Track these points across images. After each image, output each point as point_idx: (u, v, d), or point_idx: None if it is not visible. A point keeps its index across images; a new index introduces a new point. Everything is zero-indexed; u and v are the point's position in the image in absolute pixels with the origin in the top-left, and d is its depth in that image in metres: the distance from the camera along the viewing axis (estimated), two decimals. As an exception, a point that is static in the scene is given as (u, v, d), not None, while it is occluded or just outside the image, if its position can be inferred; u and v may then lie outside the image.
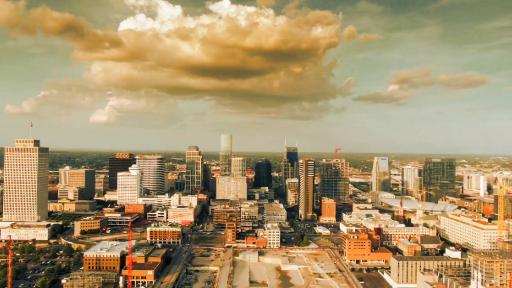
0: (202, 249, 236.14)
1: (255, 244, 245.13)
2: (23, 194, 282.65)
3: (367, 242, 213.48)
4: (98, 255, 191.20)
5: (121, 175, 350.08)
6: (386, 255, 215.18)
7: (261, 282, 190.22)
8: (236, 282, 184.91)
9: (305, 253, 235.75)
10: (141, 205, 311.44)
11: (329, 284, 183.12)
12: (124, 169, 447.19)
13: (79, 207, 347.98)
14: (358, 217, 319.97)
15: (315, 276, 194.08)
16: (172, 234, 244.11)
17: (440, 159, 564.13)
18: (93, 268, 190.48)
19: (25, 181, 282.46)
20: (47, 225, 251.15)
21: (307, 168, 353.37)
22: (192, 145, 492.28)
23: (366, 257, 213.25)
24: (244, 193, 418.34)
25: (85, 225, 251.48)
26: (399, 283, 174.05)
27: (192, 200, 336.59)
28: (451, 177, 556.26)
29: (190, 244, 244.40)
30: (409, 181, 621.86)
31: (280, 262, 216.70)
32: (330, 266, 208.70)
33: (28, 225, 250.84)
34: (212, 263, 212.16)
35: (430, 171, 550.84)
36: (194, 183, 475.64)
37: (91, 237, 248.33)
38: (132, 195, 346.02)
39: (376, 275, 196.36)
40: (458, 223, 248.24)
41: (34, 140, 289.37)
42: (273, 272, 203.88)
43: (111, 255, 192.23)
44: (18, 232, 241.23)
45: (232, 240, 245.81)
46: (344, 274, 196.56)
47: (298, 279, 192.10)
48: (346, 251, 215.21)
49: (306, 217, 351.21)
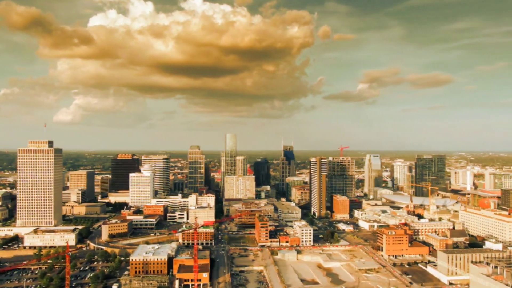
0: (238, 249, 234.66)
1: (288, 242, 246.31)
2: (39, 198, 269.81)
3: (404, 238, 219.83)
4: (145, 259, 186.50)
5: (133, 176, 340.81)
6: (422, 250, 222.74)
7: (310, 280, 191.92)
8: (288, 281, 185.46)
9: (339, 250, 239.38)
10: (160, 207, 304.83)
11: (379, 279, 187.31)
12: (127, 170, 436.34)
13: (90, 210, 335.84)
14: (374, 213, 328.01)
15: (361, 272, 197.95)
16: (205, 235, 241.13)
17: (431, 156, 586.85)
18: (139, 273, 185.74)
19: (41, 184, 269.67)
20: (73, 229, 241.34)
21: (320, 166, 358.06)
22: (194, 145, 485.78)
23: (404, 252, 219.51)
24: (252, 192, 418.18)
25: (113, 229, 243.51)
26: (449, 275, 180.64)
27: (210, 200, 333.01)
28: (441, 173, 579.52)
29: (225, 245, 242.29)
30: (399, 177, 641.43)
31: (320, 260, 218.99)
32: (371, 262, 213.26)
33: (53, 230, 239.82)
34: (254, 263, 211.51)
35: (422, 167, 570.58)
36: (197, 183, 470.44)
37: (120, 240, 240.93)
38: (145, 197, 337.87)
39: (418, 269, 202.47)
40: (480, 216, 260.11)
41: (48, 141, 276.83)
42: (317, 270, 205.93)
43: (159, 258, 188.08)
44: (43, 238, 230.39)
45: (265, 240, 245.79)
46: (388, 269, 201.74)
47: (346, 276, 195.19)
48: (385, 247, 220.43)
49: (321, 215, 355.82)
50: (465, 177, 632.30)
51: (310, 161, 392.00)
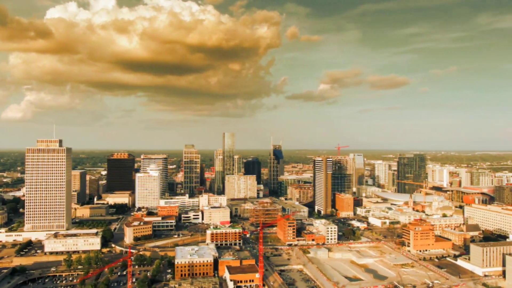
0: (269, 249, 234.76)
1: (314, 240, 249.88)
2: (51, 200, 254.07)
3: (431, 233, 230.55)
4: (191, 261, 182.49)
5: (140, 176, 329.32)
6: (445, 244, 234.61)
7: (353, 276, 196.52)
8: (332, 279, 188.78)
9: (365, 246, 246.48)
10: (175, 207, 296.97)
11: (417, 274, 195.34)
12: (123, 170, 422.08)
13: (94, 212, 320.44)
14: (381, 210, 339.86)
15: (397, 267, 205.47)
16: (233, 236, 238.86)
17: (413, 155, 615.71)
18: (185, 275, 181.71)
19: (53, 185, 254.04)
20: (96, 233, 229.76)
21: (326, 165, 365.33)
22: (189, 144, 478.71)
23: (430, 246, 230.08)
24: (254, 191, 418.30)
25: (138, 231, 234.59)
26: (483, 267, 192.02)
27: (222, 200, 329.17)
28: (422, 171, 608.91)
29: (253, 244, 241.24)
30: (380, 175, 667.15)
31: (351, 257, 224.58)
32: (402, 257, 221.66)
33: (74, 234, 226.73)
34: (291, 262, 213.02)
35: (404, 166, 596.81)
36: (193, 183, 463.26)
37: (145, 243, 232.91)
38: (152, 197, 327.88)
39: (448, 263, 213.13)
40: (487, 211, 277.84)
41: (59, 140, 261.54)
42: (354, 266, 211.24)
43: (205, 260, 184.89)
44: (65, 242, 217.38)
45: (292, 238, 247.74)
46: (420, 263, 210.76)
47: (385, 271, 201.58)
48: (412, 242, 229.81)
49: (326, 213, 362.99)
50: (441, 175, 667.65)
51: (314, 160, 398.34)
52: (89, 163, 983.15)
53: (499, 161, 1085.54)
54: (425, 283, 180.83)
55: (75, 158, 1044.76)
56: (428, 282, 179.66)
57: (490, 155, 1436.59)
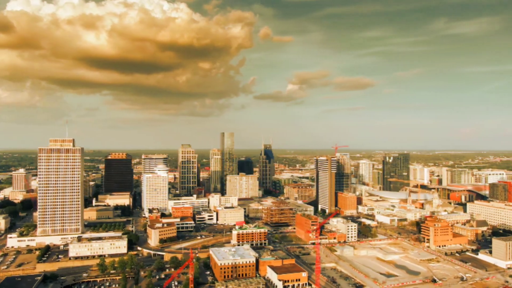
0: (295, 248, 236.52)
1: (335, 239, 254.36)
2: (66, 203, 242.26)
3: (449, 229, 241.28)
4: (234, 262, 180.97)
5: (148, 176, 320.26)
6: (461, 239, 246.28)
7: (386, 273, 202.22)
8: (370, 275, 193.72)
9: (384, 243, 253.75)
10: (189, 208, 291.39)
11: (446, 268, 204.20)
12: (121, 170, 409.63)
13: (101, 215, 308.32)
14: (385, 208, 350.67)
15: (425, 263, 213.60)
16: (259, 236, 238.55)
17: (398, 154, 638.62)
18: (228, 277, 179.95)
19: (68, 187, 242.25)
20: (121, 235, 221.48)
21: (331, 165, 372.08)
22: (185, 143, 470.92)
23: (448, 242, 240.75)
24: (255, 191, 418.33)
25: (163, 233, 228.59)
26: (507, 260, 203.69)
27: (233, 200, 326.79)
28: (406, 170, 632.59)
29: (280, 244, 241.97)
30: (364, 174, 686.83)
31: (377, 254, 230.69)
32: (425, 253, 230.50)
33: (99, 237, 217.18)
34: (322, 260, 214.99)
35: (389, 165, 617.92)
36: (190, 183, 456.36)
37: (171, 245, 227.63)
38: (161, 198, 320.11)
39: (469, 257, 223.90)
40: (490, 207, 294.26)
41: (72, 139, 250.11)
42: (383, 263, 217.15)
43: (247, 261, 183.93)
44: (90, 246, 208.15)
45: (315, 237, 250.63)
46: (444, 258, 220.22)
47: (415, 267, 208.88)
48: (432, 238, 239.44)
49: (331, 211, 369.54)
50: (422, 174, 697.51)
51: (317, 159, 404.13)
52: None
53: (461, 160, 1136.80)
54: (458, 276, 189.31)
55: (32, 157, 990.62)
56: (462, 276, 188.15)
57: (449, 154, 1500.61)
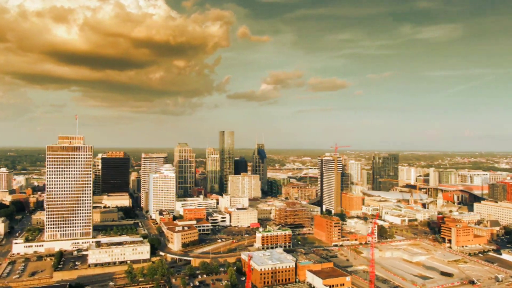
0: (320, 250, 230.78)
1: (357, 240, 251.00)
2: (76, 205, 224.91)
3: (471, 230, 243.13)
4: (274, 267, 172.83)
5: (155, 176, 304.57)
6: (480, 239, 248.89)
7: (418, 274, 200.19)
8: (407, 278, 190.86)
9: (405, 244, 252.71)
10: (202, 210, 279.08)
11: (476, 269, 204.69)
12: (119, 170, 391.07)
13: (105, 217, 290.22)
14: (393, 208, 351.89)
15: (453, 264, 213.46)
16: (283, 238, 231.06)
17: (387, 154, 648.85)
18: (268, 283, 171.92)
19: (79, 188, 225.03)
20: (141, 240, 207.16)
21: (337, 165, 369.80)
22: (182, 142, 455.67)
23: (469, 242, 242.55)
24: (258, 192, 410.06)
25: (186, 237, 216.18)
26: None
27: (244, 201, 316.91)
28: (395, 170, 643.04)
29: (304, 247, 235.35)
30: (352, 174, 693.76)
31: (401, 255, 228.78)
32: (449, 254, 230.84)
33: (119, 242, 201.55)
34: (353, 263, 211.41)
35: (379, 165, 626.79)
36: (188, 183, 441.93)
37: (194, 249, 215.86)
38: (168, 199, 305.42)
39: (493, 257, 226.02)
40: (499, 208, 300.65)
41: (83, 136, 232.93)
42: (411, 264, 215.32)
43: (287, 265, 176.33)
44: (111, 252, 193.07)
45: (337, 239, 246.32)
46: (470, 259, 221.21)
47: (445, 268, 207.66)
48: (454, 239, 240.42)
49: (336, 212, 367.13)
50: (409, 174, 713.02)
51: (321, 159, 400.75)
52: (25, 162, 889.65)
53: (431, 160, 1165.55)
54: (492, 277, 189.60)
55: (2, 156, 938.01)
56: (497, 276, 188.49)
57: (418, 155, 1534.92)
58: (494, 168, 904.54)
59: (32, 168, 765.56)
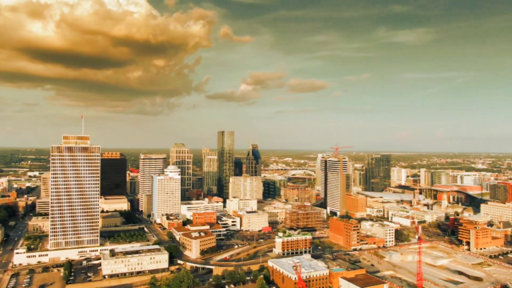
0: (342, 255, 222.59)
1: (375, 244, 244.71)
2: (83, 210, 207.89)
3: (489, 231, 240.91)
4: (308, 275, 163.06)
5: (160, 179, 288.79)
6: (497, 241, 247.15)
7: (447, 279, 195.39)
8: (438, 283, 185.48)
9: (424, 247, 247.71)
10: (212, 214, 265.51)
11: (502, 272, 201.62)
12: (116, 171, 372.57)
13: (108, 222, 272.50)
14: (399, 210, 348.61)
15: (477, 267, 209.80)
16: (304, 243, 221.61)
17: (380, 155, 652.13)
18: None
19: (87, 192, 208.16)
20: (158, 248, 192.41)
21: (343, 166, 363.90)
22: (179, 142, 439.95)
23: (488, 244, 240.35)
24: (260, 194, 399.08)
25: (204, 244, 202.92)
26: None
27: (252, 204, 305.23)
28: (387, 171, 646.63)
29: (324, 252, 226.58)
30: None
31: (423, 259, 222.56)
32: (470, 257, 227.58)
33: (136, 250, 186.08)
34: (379, 268, 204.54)
35: (372, 166, 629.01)
36: (185, 185, 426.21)
37: (212, 256, 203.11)
38: (173, 203, 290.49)
39: None
40: (506, 208, 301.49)
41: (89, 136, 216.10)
42: (436, 268, 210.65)
43: (321, 273, 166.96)
44: (127, 262, 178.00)
45: (357, 243, 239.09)
46: (492, 261, 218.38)
47: (472, 272, 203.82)
48: (473, 241, 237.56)
49: (342, 214, 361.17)
50: (400, 174, 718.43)
51: (326, 160, 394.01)
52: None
53: (410, 161, 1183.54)
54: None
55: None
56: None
57: (395, 155, 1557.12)
58: (471, 168, 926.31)
59: (8, 169, 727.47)
